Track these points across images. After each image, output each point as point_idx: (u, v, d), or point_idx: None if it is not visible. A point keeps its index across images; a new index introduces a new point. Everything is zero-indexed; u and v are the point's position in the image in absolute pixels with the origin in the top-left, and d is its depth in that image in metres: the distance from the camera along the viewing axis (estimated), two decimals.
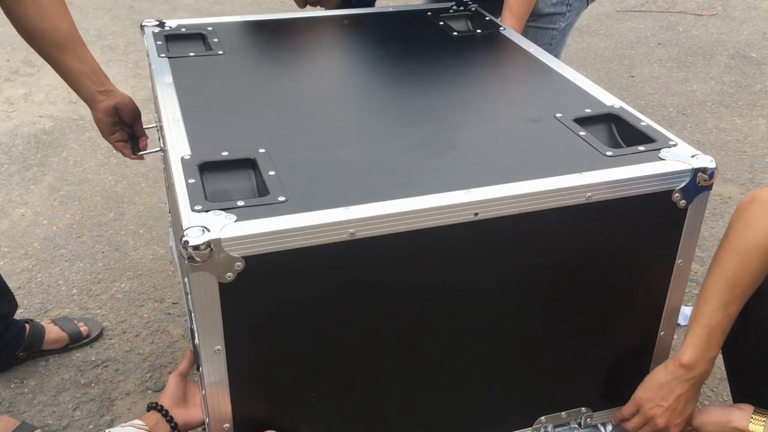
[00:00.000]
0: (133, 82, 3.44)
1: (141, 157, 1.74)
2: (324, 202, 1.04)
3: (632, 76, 3.50)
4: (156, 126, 1.57)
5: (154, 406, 1.26)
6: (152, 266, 2.29)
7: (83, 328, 1.98)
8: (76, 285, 2.21)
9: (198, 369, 1.13)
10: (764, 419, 1.20)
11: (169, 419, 1.24)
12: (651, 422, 1.26)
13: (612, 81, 3.45)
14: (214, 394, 1.09)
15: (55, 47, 1.52)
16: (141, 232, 2.48)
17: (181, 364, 1.31)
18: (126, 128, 1.68)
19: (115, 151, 3.08)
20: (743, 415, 1.22)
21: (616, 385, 1.33)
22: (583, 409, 1.33)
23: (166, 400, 1.27)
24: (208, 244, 0.96)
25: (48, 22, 1.50)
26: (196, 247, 0.96)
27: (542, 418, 1.31)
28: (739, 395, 1.37)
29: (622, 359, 1.31)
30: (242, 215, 1.01)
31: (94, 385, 1.86)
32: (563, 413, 1.32)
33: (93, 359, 1.94)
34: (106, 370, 1.90)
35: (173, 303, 2.13)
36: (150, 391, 1.83)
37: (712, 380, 1.80)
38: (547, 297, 1.20)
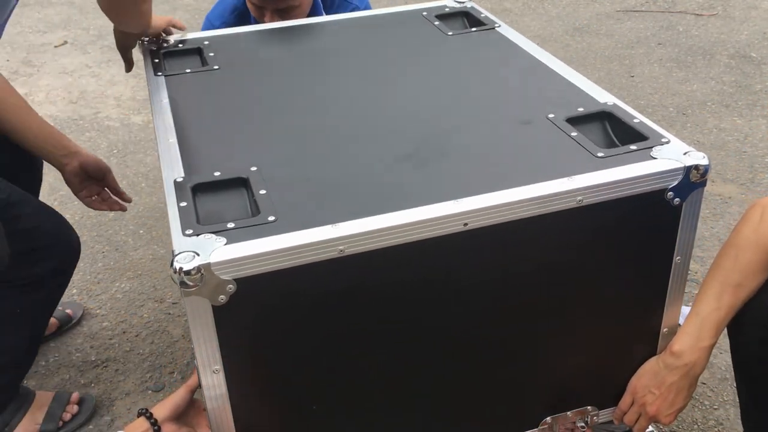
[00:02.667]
0: (133, 82, 3.43)
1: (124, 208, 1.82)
2: (313, 220, 1.04)
3: (632, 76, 3.49)
4: None
5: (143, 413, 1.20)
6: (152, 266, 2.29)
7: (68, 311, 2.05)
8: (76, 285, 2.21)
9: (200, 387, 1.13)
10: None
11: (157, 429, 1.19)
12: (643, 410, 1.28)
13: (612, 81, 3.45)
14: (216, 414, 1.09)
15: (11, 123, 1.56)
16: (141, 232, 2.48)
17: (191, 378, 1.26)
18: (97, 183, 1.74)
19: (114, 151, 3.08)
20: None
21: (621, 383, 1.33)
22: (589, 407, 1.33)
23: (164, 409, 1.22)
24: (198, 269, 0.96)
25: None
26: (187, 272, 0.96)
27: (548, 418, 1.31)
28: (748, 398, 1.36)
29: (627, 357, 1.31)
30: (232, 237, 1.00)
31: (94, 385, 1.86)
32: (569, 413, 1.32)
33: (93, 359, 1.94)
34: (106, 370, 1.90)
35: (173, 303, 2.13)
36: (150, 391, 1.83)
37: (712, 380, 1.80)
38: (545, 300, 1.20)
